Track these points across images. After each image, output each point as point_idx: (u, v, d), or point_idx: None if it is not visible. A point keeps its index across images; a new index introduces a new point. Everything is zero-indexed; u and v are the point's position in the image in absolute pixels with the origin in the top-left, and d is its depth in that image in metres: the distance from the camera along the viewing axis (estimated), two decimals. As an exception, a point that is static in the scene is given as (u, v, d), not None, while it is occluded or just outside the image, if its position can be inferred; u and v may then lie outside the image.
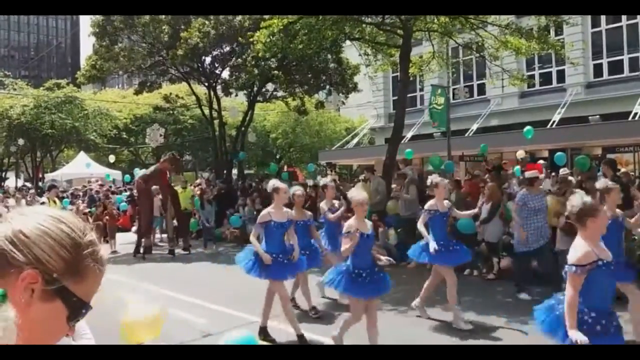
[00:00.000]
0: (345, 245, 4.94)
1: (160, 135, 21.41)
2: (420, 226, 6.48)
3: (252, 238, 5.85)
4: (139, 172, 14.57)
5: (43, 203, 10.79)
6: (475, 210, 7.70)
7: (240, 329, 3.38)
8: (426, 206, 6.56)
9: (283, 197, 5.94)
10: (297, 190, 6.82)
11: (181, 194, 14.17)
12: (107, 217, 14.01)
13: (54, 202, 11.27)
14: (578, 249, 3.38)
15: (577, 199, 3.52)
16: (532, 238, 7.55)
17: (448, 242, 6.46)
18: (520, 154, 15.46)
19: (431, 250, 6.22)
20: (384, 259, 5.11)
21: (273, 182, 6.10)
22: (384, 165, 13.23)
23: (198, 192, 15.82)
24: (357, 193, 5.31)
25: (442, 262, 6.33)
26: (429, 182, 6.96)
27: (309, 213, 7.13)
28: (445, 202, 6.61)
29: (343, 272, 5.11)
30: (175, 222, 14.09)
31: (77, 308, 0.92)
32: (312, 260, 6.84)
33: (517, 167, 12.54)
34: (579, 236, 3.45)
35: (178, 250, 13.04)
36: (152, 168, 13.76)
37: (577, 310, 3.32)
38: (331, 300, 7.64)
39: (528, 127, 14.74)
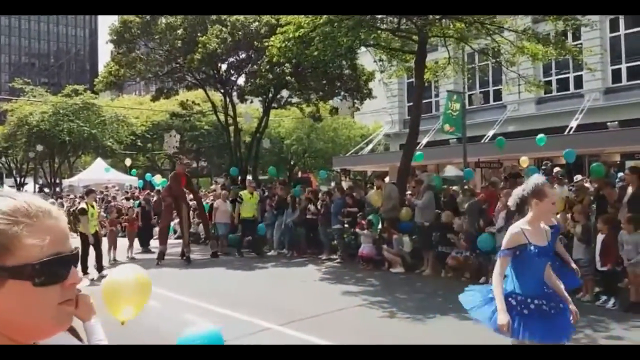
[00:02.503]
0: None
1: (176, 141, 21.69)
2: None
3: (495, 276, 3.55)
4: (152, 179, 14.89)
5: (83, 209, 10.81)
6: None
7: (207, 323, 3.33)
8: None
9: (549, 208, 3.63)
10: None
11: (249, 200, 13.87)
12: (126, 223, 14.04)
13: (92, 206, 11.32)
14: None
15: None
16: None
17: None
18: (524, 161, 15.24)
19: None
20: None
21: (535, 180, 3.64)
22: (398, 172, 13.17)
23: (212, 198, 15.91)
24: None
25: None
26: None
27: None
28: None
29: None
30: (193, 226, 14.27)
31: (29, 272, 0.86)
32: None
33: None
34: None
35: (194, 257, 13.02)
36: (171, 175, 14.44)
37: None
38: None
39: (541, 135, 14.86)
